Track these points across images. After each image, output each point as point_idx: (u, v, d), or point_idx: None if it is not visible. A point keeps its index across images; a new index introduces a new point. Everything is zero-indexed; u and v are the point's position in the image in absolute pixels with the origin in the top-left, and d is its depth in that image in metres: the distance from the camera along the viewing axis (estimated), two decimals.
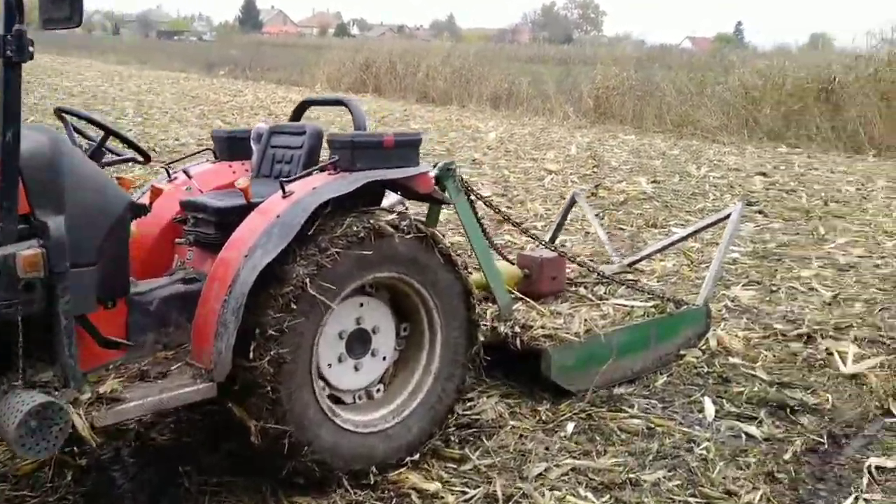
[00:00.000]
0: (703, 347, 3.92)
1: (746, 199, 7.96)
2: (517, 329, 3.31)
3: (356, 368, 2.71)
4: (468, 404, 3.22)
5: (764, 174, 9.58)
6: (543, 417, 3.16)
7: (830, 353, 3.89)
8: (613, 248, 4.88)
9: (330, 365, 2.64)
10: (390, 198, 3.29)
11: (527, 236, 4.00)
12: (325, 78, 20.72)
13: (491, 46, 36.80)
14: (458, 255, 2.91)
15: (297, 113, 3.32)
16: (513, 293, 3.64)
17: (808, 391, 3.52)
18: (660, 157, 10.87)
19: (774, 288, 5.13)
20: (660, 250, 4.71)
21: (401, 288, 2.74)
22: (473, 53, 19.75)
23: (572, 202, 4.77)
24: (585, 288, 4.06)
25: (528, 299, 3.62)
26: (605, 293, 4.03)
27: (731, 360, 3.82)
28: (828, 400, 3.41)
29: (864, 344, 4.04)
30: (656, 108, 14.67)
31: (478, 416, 3.14)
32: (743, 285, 5.15)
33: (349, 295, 2.61)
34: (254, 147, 3.22)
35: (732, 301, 4.79)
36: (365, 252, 2.53)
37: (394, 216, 2.65)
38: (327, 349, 2.61)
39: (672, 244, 4.69)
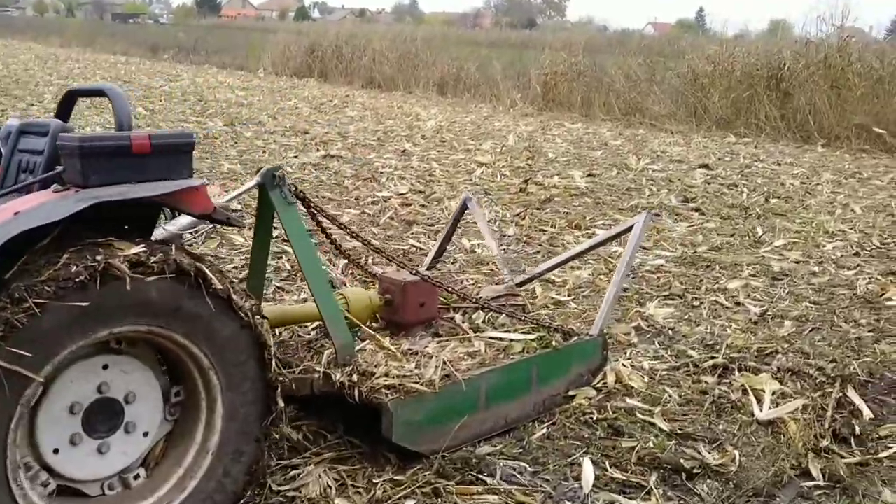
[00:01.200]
0: (599, 384, 3.29)
1: (684, 196, 7.37)
2: (355, 377, 2.65)
3: (100, 451, 2.03)
4: (290, 473, 2.56)
5: (707, 166, 9.00)
6: (379, 493, 2.50)
7: (746, 392, 3.28)
8: (508, 265, 4.21)
9: (57, 450, 1.96)
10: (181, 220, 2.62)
11: (382, 256, 3.32)
12: (270, 63, 19.84)
13: (452, 31, 36.03)
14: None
15: (63, 106, 2.58)
16: (361, 328, 2.97)
17: (713, 445, 2.89)
18: (601, 148, 10.26)
19: (697, 303, 4.52)
20: (552, 268, 4.04)
21: (162, 343, 2.06)
22: (421, 37, 18.97)
23: (463, 208, 4.11)
24: (465, 314, 3.40)
25: (378, 337, 2.95)
26: (484, 321, 3.37)
27: (630, 401, 3.19)
28: (734, 459, 2.79)
29: (787, 378, 3.44)
30: (605, 96, 14.07)
31: (296, 493, 2.47)
32: (662, 299, 4.54)
33: (80, 357, 1.93)
34: (1, 149, 2.50)
35: (646, 321, 4.17)
36: (86, 302, 1.84)
37: (140, 249, 1.96)
38: (52, 430, 1.94)
39: (566, 261, 4.05)
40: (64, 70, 17.50)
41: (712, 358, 3.63)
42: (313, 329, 3.09)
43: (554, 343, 3.16)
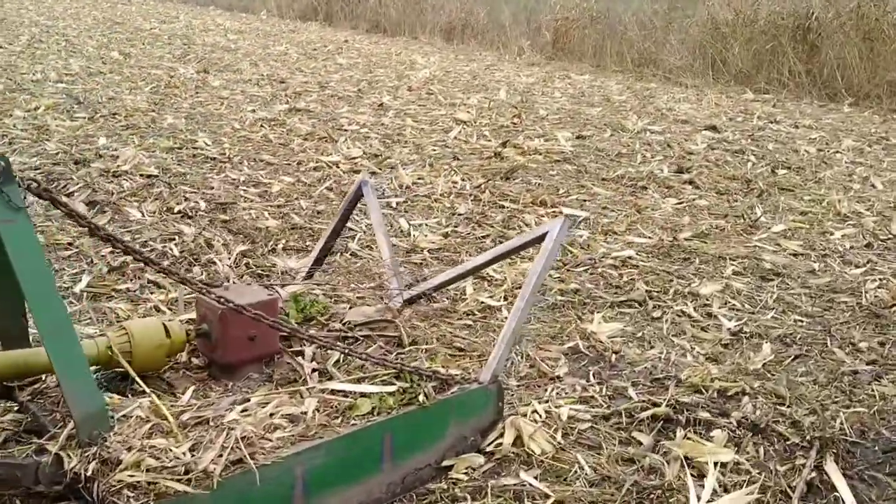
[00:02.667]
0: (491, 447, 2.45)
1: (678, 165, 6.39)
2: (93, 466, 1.83)
3: None
4: None
5: (714, 128, 7.95)
6: None
7: (684, 465, 2.41)
8: (402, 275, 3.34)
9: None
10: None
11: (173, 279, 2.46)
12: (275, 4, 18.78)
13: None
14: None
15: None
16: (136, 376, 2.13)
17: None
18: (602, 104, 9.23)
19: (658, 313, 3.62)
20: (443, 285, 3.12)
21: None
22: None
23: (357, 196, 3.23)
24: (323, 347, 2.54)
25: (155, 395, 2.11)
26: (339, 362, 2.51)
27: (524, 475, 2.34)
28: None
29: (748, 440, 2.56)
30: (617, 45, 12.91)
31: None
32: (616, 307, 3.65)
33: None
34: None
35: (587, 339, 3.29)
36: None
37: None
38: None
39: (461, 277, 3.15)
40: (59, 9, 16.63)
41: (654, 405, 2.75)
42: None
43: (422, 396, 2.30)
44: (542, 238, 2.63)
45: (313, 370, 2.38)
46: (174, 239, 4.15)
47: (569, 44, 13.64)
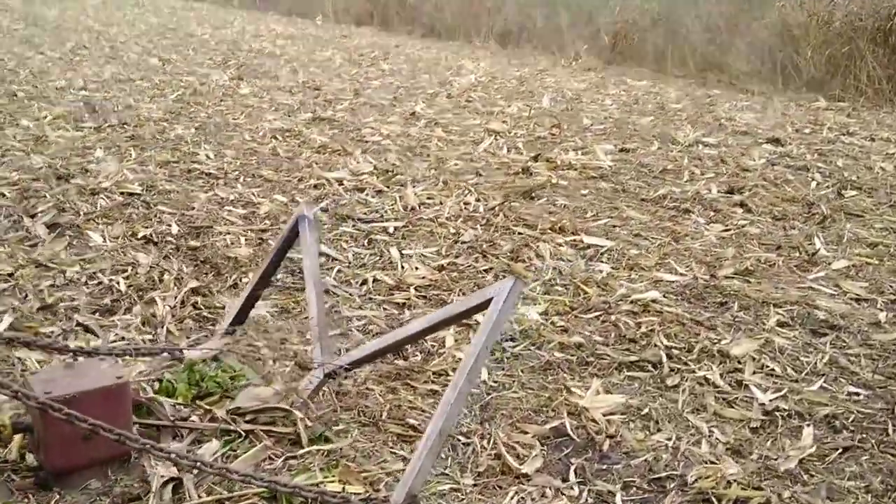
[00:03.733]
0: None
1: (729, 185, 5.60)
2: None
3: None
4: None
5: (776, 141, 7.10)
6: None
7: None
8: (330, 338, 2.71)
9: None
10: None
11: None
12: (332, 10, 18.40)
13: None
14: None
15: None
16: None
17: None
18: (655, 113, 8.43)
19: (676, 379, 2.92)
20: (370, 358, 2.43)
21: None
22: None
23: (293, 232, 2.64)
24: (164, 460, 1.94)
25: None
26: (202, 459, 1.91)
27: None
28: None
29: None
30: (680, 49, 12.04)
31: None
32: (624, 369, 2.97)
33: None
34: None
35: (576, 417, 2.62)
36: None
37: None
38: None
39: (391, 349, 2.50)
40: (118, 15, 16.60)
41: None
42: None
43: None
44: (486, 304, 1.98)
45: (167, 482, 1.79)
46: (126, 270, 3.64)
47: (628, 48, 12.81)
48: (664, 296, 3.66)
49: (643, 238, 4.52)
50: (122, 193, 4.68)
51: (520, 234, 4.46)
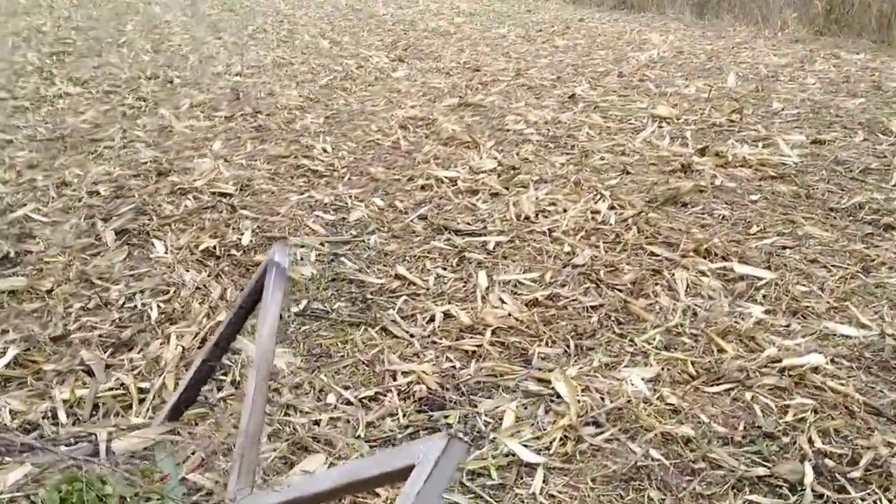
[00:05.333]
0: None
1: None
2: None
3: None
4: None
5: None
6: None
7: None
8: (259, 456, 1.93)
9: None
10: None
11: None
12: None
13: None
14: None
15: None
16: None
17: None
18: (867, 94, 6.90)
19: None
20: None
21: None
22: None
23: (259, 284, 1.93)
24: None
25: None
26: None
27: None
28: None
29: None
30: None
31: None
32: (741, 488, 2.01)
33: None
34: None
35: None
36: None
37: None
38: None
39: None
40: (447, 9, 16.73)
41: None
42: None
43: None
44: (407, 471, 1.17)
45: None
46: (168, 292, 3.13)
47: (846, 14, 10.93)
48: (831, 361, 2.61)
49: (820, 266, 3.41)
50: (212, 194, 4.23)
51: (653, 255, 3.50)
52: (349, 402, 2.42)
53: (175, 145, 5.14)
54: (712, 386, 2.51)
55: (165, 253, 3.51)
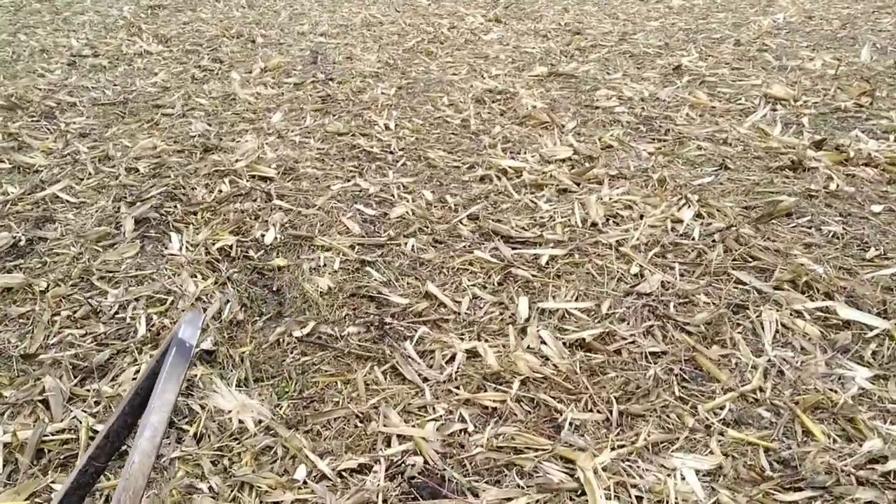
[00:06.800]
0: None
1: None
2: None
3: None
4: None
5: None
6: None
7: None
8: None
9: None
10: None
11: None
12: None
13: None
14: None
15: None
16: None
17: None
18: None
19: None
20: None
21: None
22: None
23: (159, 364, 1.46)
24: None
25: None
26: None
27: None
28: None
29: None
30: None
31: None
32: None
33: None
34: None
35: None
36: None
37: None
38: None
39: None
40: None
41: None
42: None
43: None
44: None
45: None
46: (164, 302, 2.74)
47: None
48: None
49: None
50: (252, 177, 3.82)
51: (739, 284, 2.83)
52: (323, 477, 1.95)
53: (232, 116, 4.76)
54: (789, 492, 1.89)
55: (179, 250, 3.12)
